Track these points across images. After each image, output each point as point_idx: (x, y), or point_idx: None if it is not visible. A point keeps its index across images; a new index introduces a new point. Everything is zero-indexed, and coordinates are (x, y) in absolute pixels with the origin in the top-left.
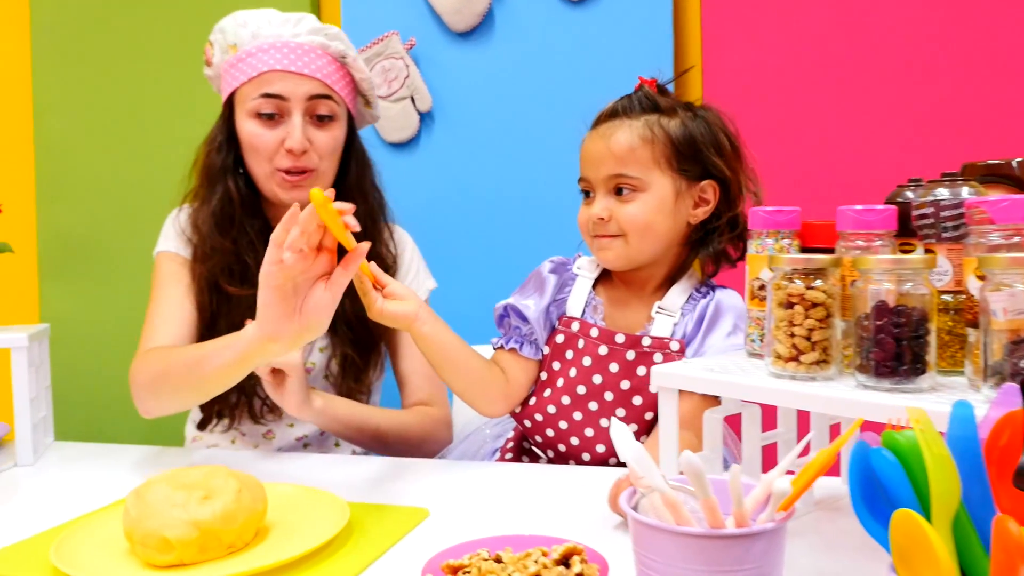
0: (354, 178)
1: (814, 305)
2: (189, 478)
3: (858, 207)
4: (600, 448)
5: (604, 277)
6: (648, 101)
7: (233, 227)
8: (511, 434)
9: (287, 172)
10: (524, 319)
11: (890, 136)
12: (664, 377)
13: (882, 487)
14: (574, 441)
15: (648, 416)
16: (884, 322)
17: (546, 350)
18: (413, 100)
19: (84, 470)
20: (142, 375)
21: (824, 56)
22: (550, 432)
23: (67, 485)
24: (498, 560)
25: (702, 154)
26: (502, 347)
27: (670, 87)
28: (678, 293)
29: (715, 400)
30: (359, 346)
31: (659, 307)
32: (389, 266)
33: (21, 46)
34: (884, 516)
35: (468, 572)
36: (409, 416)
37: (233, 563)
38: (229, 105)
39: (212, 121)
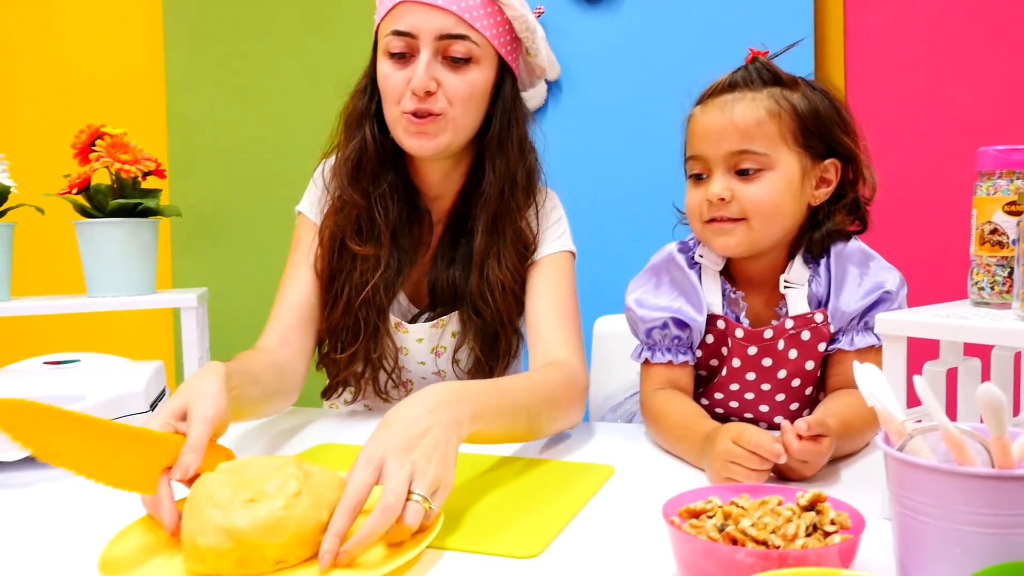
0: (495, 134)
1: None
2: (252, 471)
3: None
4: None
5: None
6: (769, 73)
7: (365, 179)
8: None
9: (413, 115)
10: (684, 325)
11: None
12: (892, 324)
13: None
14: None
15: (808, 391)
16: None
17: (698, 352)
18: None
19: (243, 428)
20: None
21: (975, 15)
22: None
23: (236, 442)
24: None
25: (828, 130)
26: (670, 362)
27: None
28: (800, 264)
29: (872, 352)
30: (487, 338)
31: (786, 281)
32: (528, 244)
33: (154, 28)
34: None
35: (711, 515)
36: (550, 375)
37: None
38: (375, 47)
39: (341, 94)
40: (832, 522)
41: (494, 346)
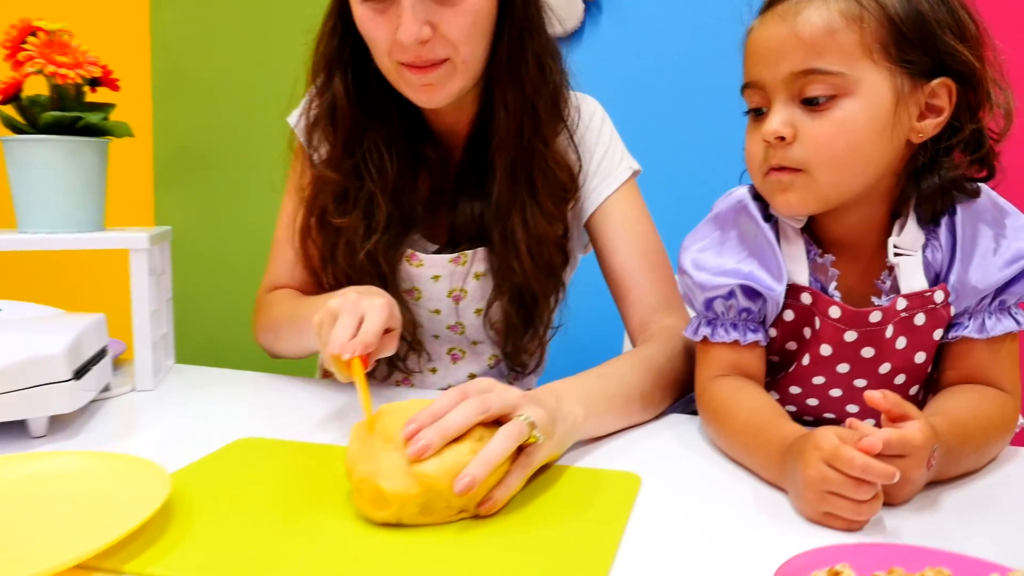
0: (503, 59)
1: None
2: None
3: None
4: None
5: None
6: None
7: (341, 141)
8: None
9: (412, 67)
10: (755, 295)
11: None
12: None
13: None
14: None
15: (913, 391)
16: None
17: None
18: None
19: (209, 400)
20: (261, 321)
21: None
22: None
23: (192, 416)
24: None
25: (935, 37)
26: (736, 343)
27: None
28: (914, 225)
29: (1007, 340)
30: (522, 300)
31: (896, 247)
32: (567, 185)
33: None
34: None
35: None
36: (655, 350)
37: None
38: None
39: None
40: None
41: (529, 313)
